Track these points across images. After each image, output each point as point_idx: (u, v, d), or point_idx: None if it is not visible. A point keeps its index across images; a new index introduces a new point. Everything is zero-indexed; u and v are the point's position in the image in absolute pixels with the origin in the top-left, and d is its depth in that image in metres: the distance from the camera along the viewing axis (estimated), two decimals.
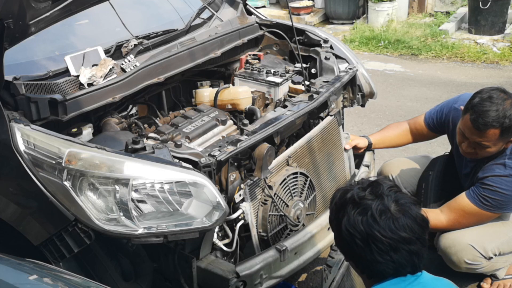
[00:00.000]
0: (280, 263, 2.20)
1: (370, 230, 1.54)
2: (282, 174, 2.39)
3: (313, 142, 2.61)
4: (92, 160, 1.92)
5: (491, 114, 2.26)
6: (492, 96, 2.30)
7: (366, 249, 1.55)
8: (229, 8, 3.22)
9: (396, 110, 5.18)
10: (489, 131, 2.29)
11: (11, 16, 1.86)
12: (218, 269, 2.10)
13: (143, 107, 2.84)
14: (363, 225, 1.55)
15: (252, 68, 2.99)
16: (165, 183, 1.93)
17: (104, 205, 1.93)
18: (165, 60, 2.61)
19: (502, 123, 2.26)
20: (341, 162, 2.85)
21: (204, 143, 2.41)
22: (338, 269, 2.35)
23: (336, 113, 2.77)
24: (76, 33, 2.73)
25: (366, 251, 1.55)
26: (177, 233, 1.95)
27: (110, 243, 2.16)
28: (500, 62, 6.34)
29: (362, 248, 1.56)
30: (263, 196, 2.31)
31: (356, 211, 1.58)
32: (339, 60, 2.99)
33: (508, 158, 2.40)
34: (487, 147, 2.35)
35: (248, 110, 2.72)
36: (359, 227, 1.55)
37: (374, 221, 1.54)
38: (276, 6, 9.29)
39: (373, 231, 1.53)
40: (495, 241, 2.55)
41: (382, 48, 7.07)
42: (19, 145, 1.97)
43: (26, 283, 1.50)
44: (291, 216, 2.39)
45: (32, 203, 2.07)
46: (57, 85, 2.23)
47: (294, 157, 2.48)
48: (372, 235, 1.53)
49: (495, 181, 2.39)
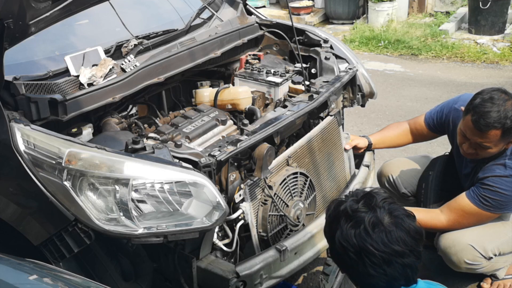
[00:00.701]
0: (280, 263, 2.20)
1: (363, 244, 1.53)
2: (282, 174, 2.39)
3: (313, 142, 2.61)
4: (92, 160, 1.92)
5: (493, 115, 2.26)
6: (493, 97, 2.29)
7: (359, 262, 1.55)
8: (229, 8, 3.22)
9: (396, 110, 5.18)
10: (491, 132, 2.29)
11: (11, 16, 1.86)
12: (218, 269, 2.10)
13: (143, 107, 2.84)
14: (356, 238, 1.54)
15: (252, 68, 2.99)
16: (165, 183, 1.93)
17: (104, 205, 1.93)
18: (165, 60, 2.61)
19: (504, 124, 2.26)
20: (341, 162, 2.85)
21: (204, 143, 2.41)
22: (335, 277, 2.33)
23: (336, 113, 2.77)
24: (76, 33, 2.73)
25: (359, 264, 1.55)
26: (177, 233, 1.95)
27: (110, 243, 2.16)
28: (500, 62, 6.34)
29: (355, 260, 1.55)
30: (263, 196, 2.31)
31: (349, 224, 1.57)
32: (339, 60, 2.99)
33: (508, 159, 2.40)
34: (488, 148, 2.35)
35: (248, 110, 2.72)
36: (352, 240, 1.55)
37: (367, 234, 1.54)
38: (276, 6, 9.29)
39: (365, 245, 1.53)
40: (495, 241, 2.55)
41: (382, 48, 7.08)
42: (19, 145, 1.97)
43: (26, 283, 1.50)
44: (291, 216, 2.39)
45: (32, 203, 2.07)
46: (57, 85, 2.23)
47: (294, 157, 2.48)
48: (365, 248, 1.53)
49: (495, 182, 2.39)
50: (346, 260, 1.58)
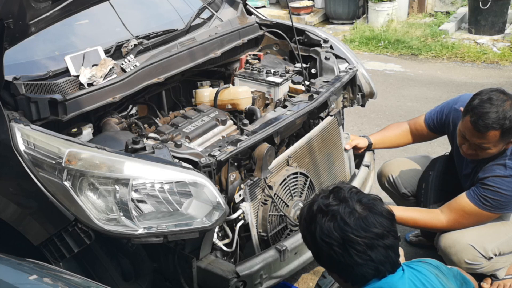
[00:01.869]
0: (280, 263, 2.20)
1: (344, 234, 1.58)
2: (282, 174, 2.39)
3: (313, 142, 2.61)
4: (92, 160, 1.92)
5: (491, 116, 2.26)
6: (492, 97, 2.29)
7: (345, 254, 1.59)
8: (229, 8, 3.22)
9: (396, 110, 5.18)
10: (490, 133, 2.28)
11: (11, 16, 1.86)
12: (218, 269, 2.10)
13: (143, 107, 2.84)
14: (336, 231, 1.59)
15: (252, 68, 2.99)
16: (165, 183, 1.93)
17: (104, 205, 1.93)
18: (165, 60, 2.61)
19: (503, 125, 2.26)
20: (341, 162, 2.85)
21: (204, 143, 2.41)
22: None
23: (336, 113, 2.77)
24: (76, 33, 2.73)
25: (345, 256, 1.59)
26: (177, 233, 1.95)
27: (110, 243, 2.16)
28: (500, 62, 6.34)
29: (341, 254, 1.59)
30: (263, 196, 2.31)
31: (326, 218, 1.61)
32: (339, 60, 2.99)
33: (508, 159, 2.40)
34: (488, 148, 2.35)
35: (248, 110, 2.72)
36: (333, 234, 1.59)
37: (345, 224, 1.58)
38: (276, 6, 9.29)
39: (347, 234, 1.57)
40: (495, 241, 2.55)
41: (382, 48, 7.07)
42: (19, 145, 1.97)
43: (26, 283, 1.50)
44: (291, 216, 2.39)
45: (32, 203, 2.07)
46: (57, 85, 2.23)
47: (294, 157, 2.48)
48: (347, 238, 1.57)
49: (495, 182, 2.39)
50: (333, 256, 1.61)
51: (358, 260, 1.58)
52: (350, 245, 1.57)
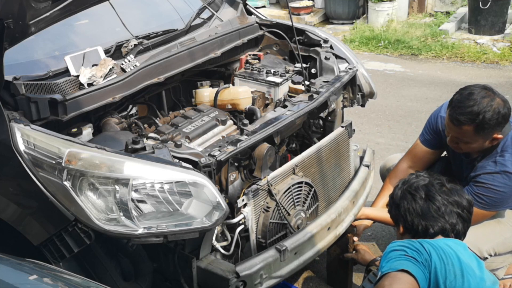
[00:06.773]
0: (280, 263, 2.20)
1: (429, 191, 1.87)
2: (287, 183, 2.37)
3: (322, 153, 2.59)
4: (92, 160, 1.92)
5: (465, 111, 2.27)
6: (473, 92, 2.30)
7: (423, 206, 1.85)
8: (229, 8, 3.22)
9: (396, 110, 5.18)
10: (463, 127, 2.30)
11: (11, 16, 1.86)
12: (218, 269, 2.10)
13: (143, 107, 2.84)
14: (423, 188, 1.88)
15: (252, 68, 2.99)
16: (165, 183, 1.93)
17: (104, 205, 1.93)
18: (165, 60, 2.61)
19: (474, 120, 2.26)
20: (347, 174, 2.83)
21: (204, 143, 2.41)
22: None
23: (347, 125, 2.76)
24: (76, 33, 2.72)
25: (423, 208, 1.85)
26: (177, 233, 1.95)
27: (110, 243, 2.16)
28: (500, 62, 6.34)
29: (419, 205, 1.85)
30: (265, 202, 2.30)
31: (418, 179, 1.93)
32: (339, 60, 2.99)
33: (499, 156, 2.41)
34: (467, 142, 2.36)
35: (248, 110, 2.71)
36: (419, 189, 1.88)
37: (432, 186, 1.89)
38: (276, 6, 9.29)
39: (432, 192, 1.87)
40: (490, 242, 2.55)
41: (382, 48, 7.07)
42: (19, 145, 1.97)
43: (26, 283, 1.50)
44: (292, 224, 2.38)
45: (32, 203, 2.07)
46: (57, 85, 2.23)
47: (301, 166, 2.46)
48: (431, 194, 1.86)
49: (487, 179, 2.40)
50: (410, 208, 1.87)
51: (433, 214, 1.82)
52: (431, 200, 1.85)
